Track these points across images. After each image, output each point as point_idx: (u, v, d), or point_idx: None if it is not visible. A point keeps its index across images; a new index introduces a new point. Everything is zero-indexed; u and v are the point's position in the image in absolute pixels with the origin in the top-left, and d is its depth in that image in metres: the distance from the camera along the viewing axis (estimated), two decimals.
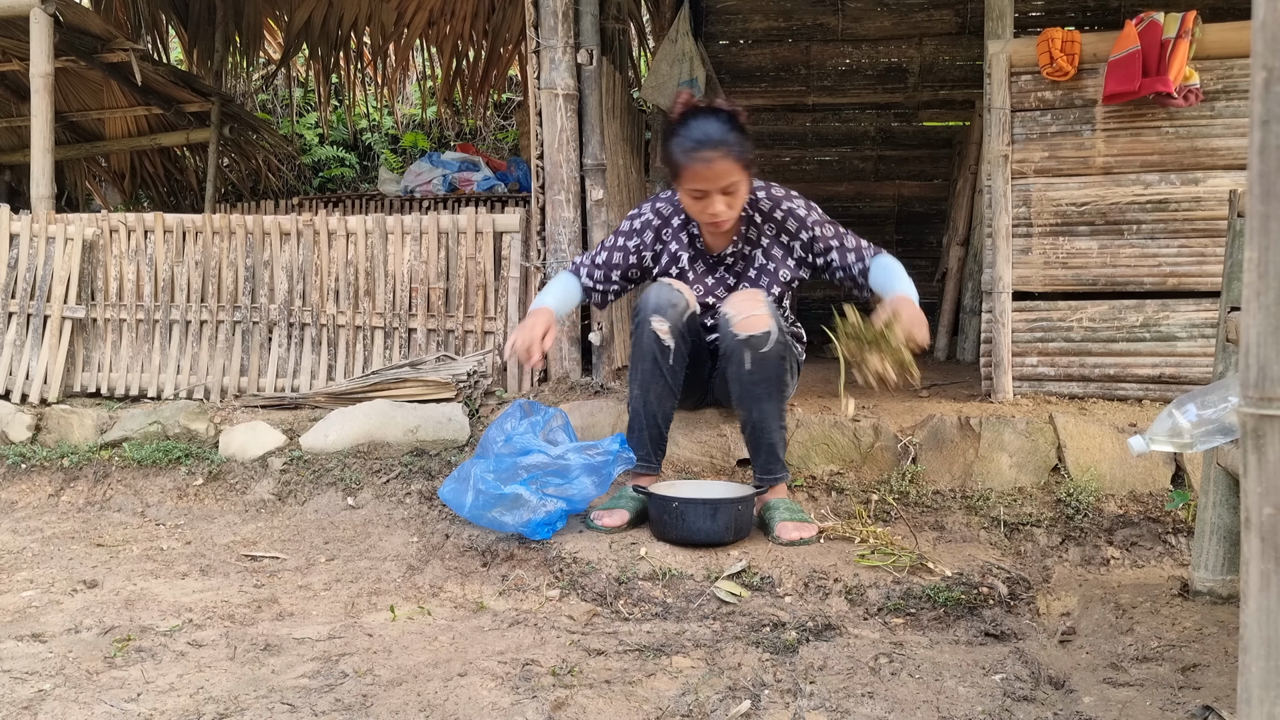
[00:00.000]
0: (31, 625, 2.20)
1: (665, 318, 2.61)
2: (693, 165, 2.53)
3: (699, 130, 2.55)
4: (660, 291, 2.65)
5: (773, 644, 2.08)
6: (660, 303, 2.62)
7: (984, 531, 2.68)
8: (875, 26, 5.63)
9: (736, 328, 2.56)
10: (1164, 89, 2.95)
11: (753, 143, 2.63)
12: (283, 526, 2.95)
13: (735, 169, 2.55)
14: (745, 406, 2.63)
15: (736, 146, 2.54)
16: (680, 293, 2.66)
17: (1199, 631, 2.06)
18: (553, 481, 2.56)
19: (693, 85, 5.21)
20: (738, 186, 2.58)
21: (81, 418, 3.56)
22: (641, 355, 2.65)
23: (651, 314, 2.62)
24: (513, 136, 8.46)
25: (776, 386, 2.61)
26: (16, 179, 6.44)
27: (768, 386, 2.59)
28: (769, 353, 2.56)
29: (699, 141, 2.53)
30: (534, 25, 3.41)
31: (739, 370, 2.58)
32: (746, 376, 2.57)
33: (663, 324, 2.61)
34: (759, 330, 2.55)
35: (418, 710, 1.77)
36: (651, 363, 2.64)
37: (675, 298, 2.64)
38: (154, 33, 6.82)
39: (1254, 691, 1.02)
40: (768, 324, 2.56)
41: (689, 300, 2.67)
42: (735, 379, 2.60)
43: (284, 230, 3.72)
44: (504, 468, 2.57)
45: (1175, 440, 1.78)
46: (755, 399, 2.60)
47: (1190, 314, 3.10)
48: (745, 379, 2.58)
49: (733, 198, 2.59)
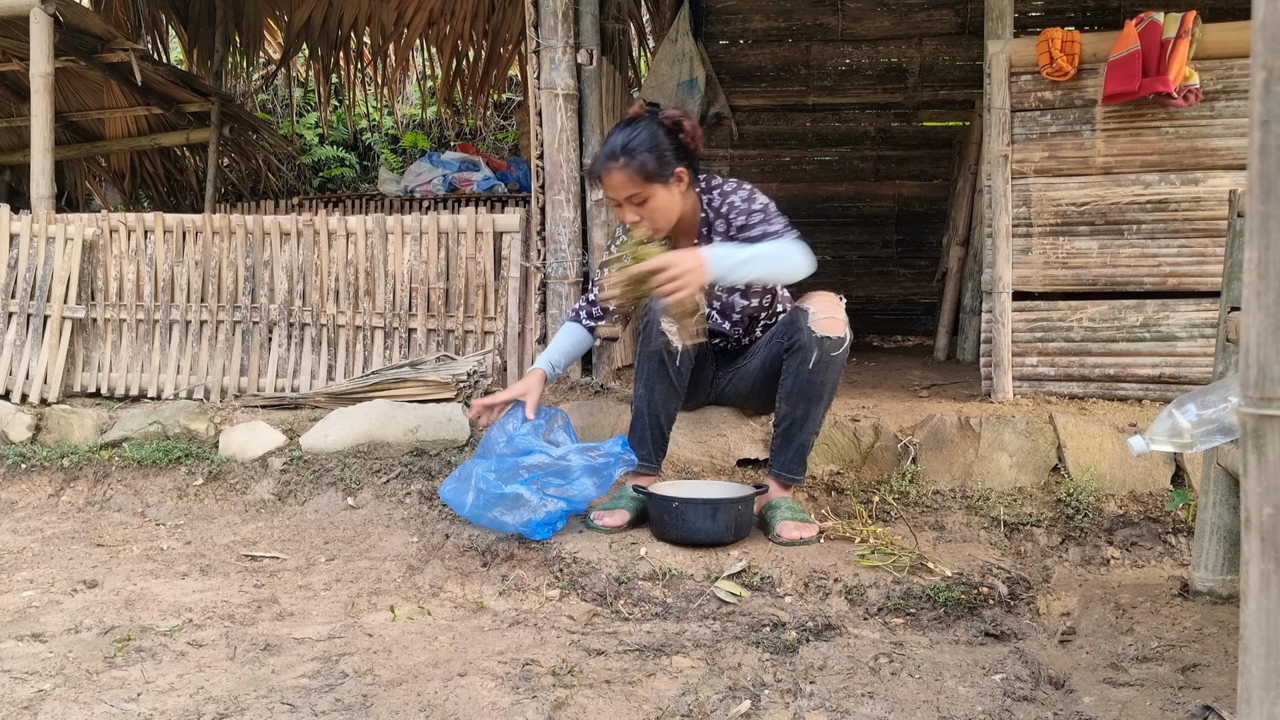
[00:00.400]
0: (31, 625, 2.20)
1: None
2: (602, 173, 2.61)
3: (609, 141, 2.62)
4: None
5: (773, 644, 2.08)
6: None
7: (984, 531, 2.68)
8: (875, 26, 5.63)
9: (815, 325, 2.58)
10: (1164, 89, 2.95)
11: (687, 151, 2.63)
12: (283, 526, 2.95)
13: (633, 182, 2.57)
14: (793, 403, 2.64)
15: (641, 159, 2.55)
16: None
17: (1199, 631, 2.06)
18: (554, 482, 2.56)
19: (692, 85, 5.21)
20: (645, 198, 2.59)
21: (81, 418, 3.56)
22: (649, 355, 2.67)
23: (661, 316, 2.62)
24: (513, 136, 8.46)
25: (830, 392, 2.64)
26: (16, 179, 6.44)
27: (822, 390, 2.62)
28: (837, 357, 2.60)
29: (602, 152, 2.62)
30: (534, 25, 3.41)
31: (801, 366, 2.59)
32: (807, 374, 2.59)
33: (672, 325, 2.62)
34: (836, 333, 2.59)
35: (418, 710, 1.77)
36: (658, 363, 2.66)
37: None
38: (154, 33, 6.82)
39: (1254, 691, 1.02)
40: (844, 330, 2.61)
41: (699, 302, 2.67)
42: (794, 373, 2.61)
43: (284, 230, 3.72)
44: (505, 468, 2.57)
45: (1175, 440, 1.78)
46: (806, 398, 2.62)
47: (1190, 314, 3.10)
48: (805, 377, 2.60)
49: (644, 208, 2.61)
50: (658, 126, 2.61)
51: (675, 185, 2.62)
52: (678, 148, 2.62)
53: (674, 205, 2.64)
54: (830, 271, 5.86)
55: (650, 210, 2.60)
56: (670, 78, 5.23)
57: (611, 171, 2.58)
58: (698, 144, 2.67)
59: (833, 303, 2.66)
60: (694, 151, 2.66)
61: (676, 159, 2.61)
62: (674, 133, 2.62)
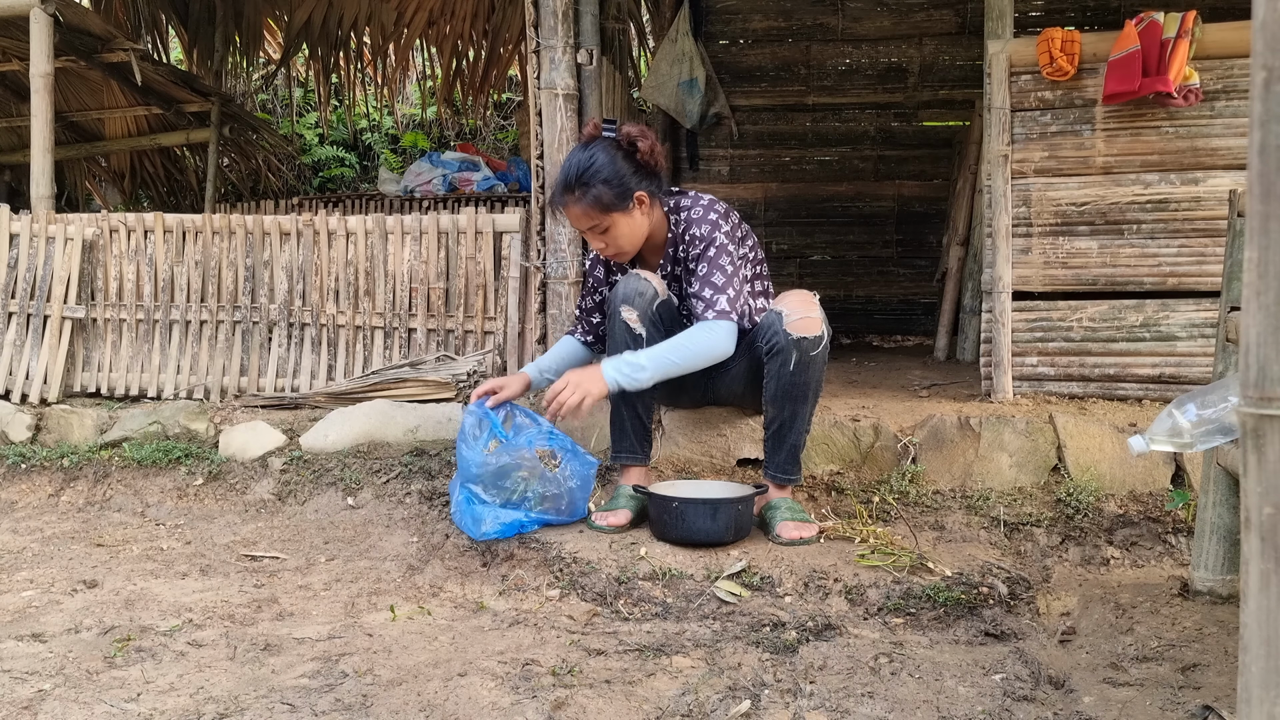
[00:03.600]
0: (31, 625, 2.20)
1: (633, 306, 2.64)
2: (554, 207, 2.66)
3: (565, 168, 2.62)
4: (628, 282, 2.68)
5: (773, 644, 2.08)
6: (628, 292, 2.65)
7: (984, 531, 2.68)
8: (875, 26, 5.63)
9: (790, 327, 2.57)
10: (1164, 89, 2.95)
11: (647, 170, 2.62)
12: (283, 526, 2.95)
13: (590, 214, 2.58)
14: (778, 405, 2.63)
15: (595, 191, 2.55)
16: (648, 281, 2.67)
17: (1199, 631, 2.06)
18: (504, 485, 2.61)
19: (692, 85, 5.21)
20: (606, 227, 2.61)
21: (81, 418, 3.56)
22: (615, 345, 2.67)
23: (620, 304, 2.66)
24: (513, 136, 8.46)
25: (814, 391, 2.63)
26: (16, 179, 6.44)
27: (806, 390, 2.61)
28: (816, 356, 2.59)
29: (559, 182, 2.63)
30: (534, 25, 3.41)
31: (782, 369, 2.59)
32: (788, 377, 2.58)
33: (631, 312, 2.64)
34: (812, 333, 2.57)
35: (418, 710, 1.77)
36: (624, 348, 2.64)
37: (643, 286, 2.66)
38: (154, 33, 6.82)
39: (1254, 691, 1.02)
40: (821, 328, 2.59)
41: (658, 289, 2.69)
42: (775, 376, 2.61)
43: (284, 230, 3.72)
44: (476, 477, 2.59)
45: (1175, 440, 1.78)
46: (791, 399, 2.61)
47: (1190, 314, 3.10)
48: (786, 379, 2.59)
49: (606, 235, 2.62)
50: (615, 150, 2.59)
51: (636, 209, 2.61)
52: (636, 169, 2.60)
53: (638, 229, 2.65)
54: (830, 271, 5.86)
55: (613, 237, 2.63)
56: (670, 78, 5.23)
57: (569, 205, 2.61)
58: (658, 160, 2.64)
59: (806, 302, 2.63)
60: (655, 169, 2.64)
61: (636, 182, 2.60)
62: (631, 154, 2.60)
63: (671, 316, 2.73)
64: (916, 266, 5.80)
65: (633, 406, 2.71)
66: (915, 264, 5.81)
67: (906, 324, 5.87)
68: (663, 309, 2.69)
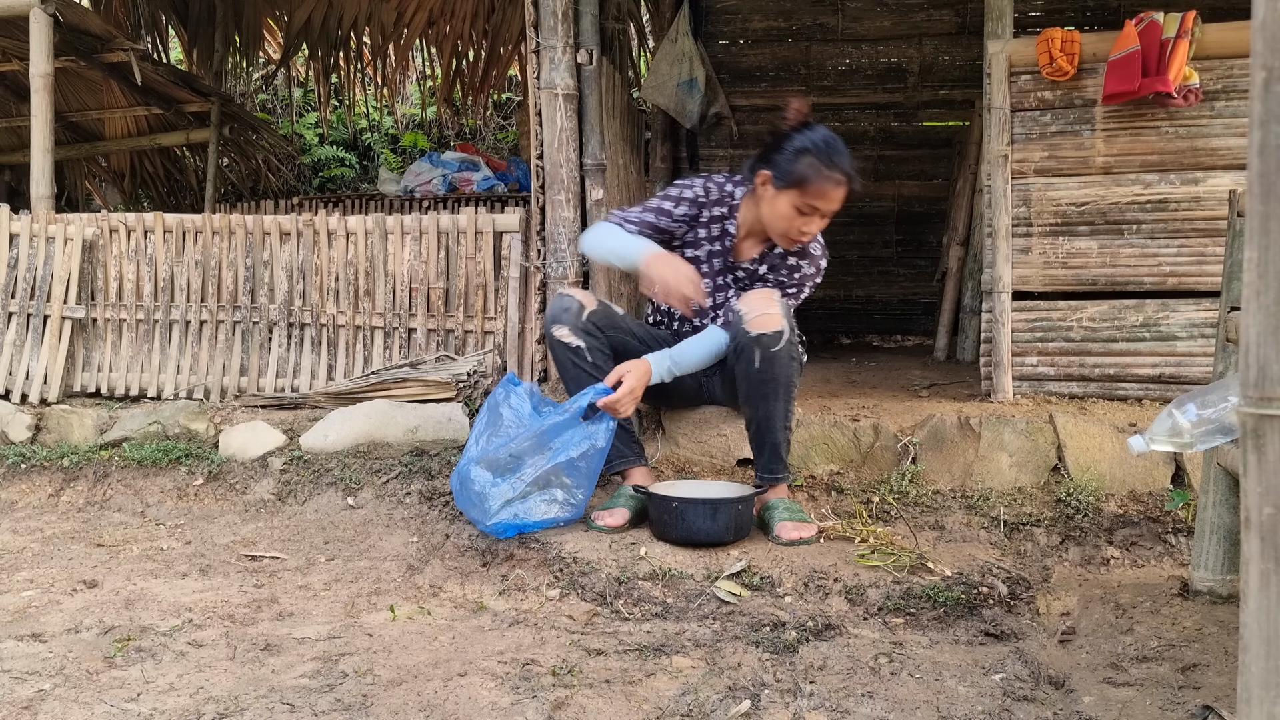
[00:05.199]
0: (31, 625, 2.20)
1: (563, 323, 2.71)
2: (823, 184, 2.57)
3: (839, 152, 2.59)
4: (554, 302, 2.78)
5: (773, 644, 2.08)
6: (556, 311, 2.74)
7: (984, 531, 2.68)
8: (875, 26, 5.63)
9: (749, 325, 2.57)
10: (1164, 89, 2.95)
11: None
12: (283, 526, 2.95)
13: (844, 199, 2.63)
14: (752, 404, 2.63)
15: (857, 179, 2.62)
16: (573, 297, 2.76)
17: (1199, 631, 2.06)
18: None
19: (692, 85, 5.20)
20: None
21: (81, 418, 3.56)
22: (562, 366, 2.75)
23: (551, 325, 2.74)
24: (513, 136, 8.45)
25: (785, 387, 2.62)
26: (16, 179, 6.43)
27: (775, 386, 2.59)
28: (779, 352, 2.57)
29: (839, 164, 2.58)
30: (534, 25, 3.40)
31: (748, 368, 2.58)
32: (755, 375, 2.58)
33: (562, 329, 2.71)
34: (771, 329, 2.56)
35: (418, 710, 1.77)
36: (572, 365, 2.72)
37: (568, 303, 2.74)
38: (154, 33, 6.81)
39: (1254, 691, 1.02)
40: (780, 323, 2.57)
41: (583, 301, 2.76)
42: (744, 376, 2.60)
43: (284, 230, 3.72)
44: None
45: (1175, 440, 1.78)
46: (762, 397, 2.60)
47: (1190, 314, 3.10)
48: (754, 377, 2.58)
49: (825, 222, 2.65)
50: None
51: None
52: None
53: None
54: (830, 271, 5.81)
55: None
56: (670, 77, 5.23)
57: (843, 185, 2.60)
58: None
59: (765, 299, 2.63)
60: None
61: None
62: None
63: (614, 323, 2.79)
64: (916, 266, 5.80)
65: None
66: (915, 264, 5.80)
67: (906, 324, 5.87)
68: (595, 317, 2.74)
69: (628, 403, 2.62)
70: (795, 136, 2.61)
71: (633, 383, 2.61)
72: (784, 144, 2.62)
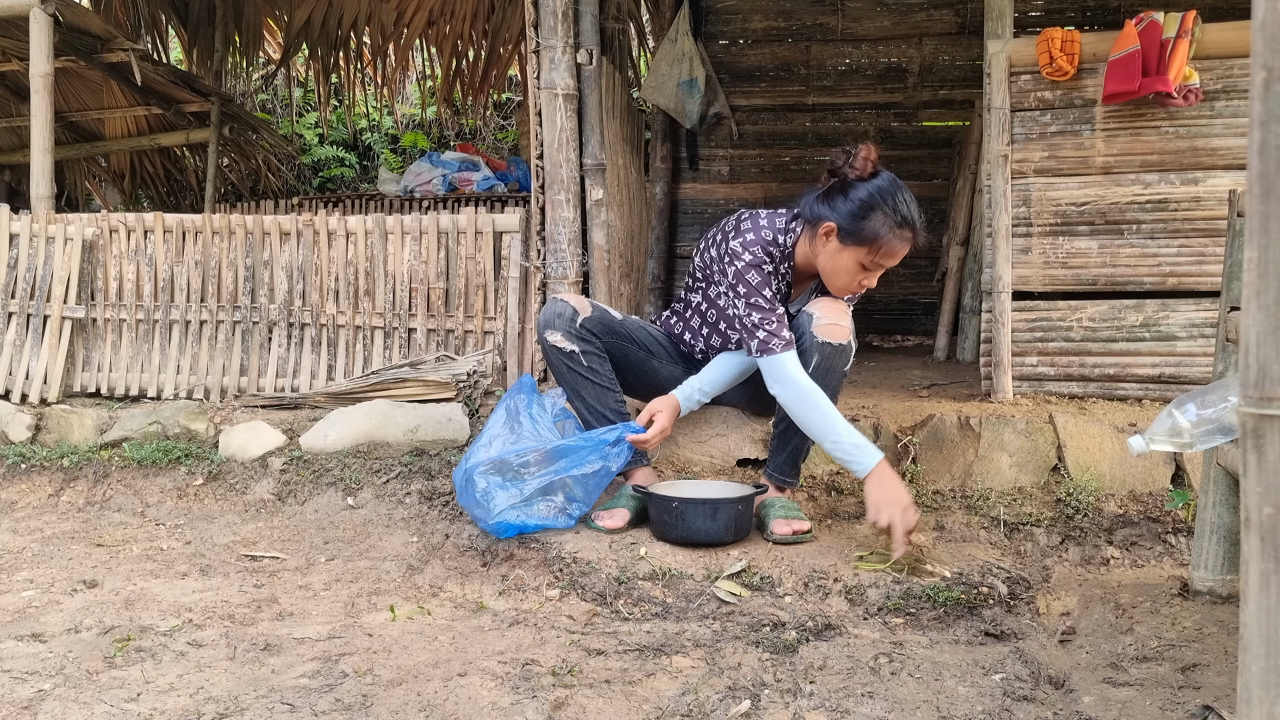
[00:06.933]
0: (31, 625, 2.20)
1: (556, 329, 2.71)
2: (894, 243, 2.49)
3: (908, 205, 2.50)
4: (548, 307, 2.77)
5: (773, 644, 2.08)
6: (549, 316, 2.74)
7: (984, 531, 2.68)
8: (875, 26, 5.63)
9: (818, 330, 2.57)
10: (1164, 89, 2.95)
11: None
12: (283, 526, 2.95)
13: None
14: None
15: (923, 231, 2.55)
16: (565, 301, 2.76)
17: (1199, 631, 2.06)
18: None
19: (692, 85, 5.21)
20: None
21: (81, 418, 3.56)
22: (557, 371, 2.75)
23: (544, 330, 2.74)
24: (513, 136, 8.46)
25: (830, 396, 2.61)
26: (16, 179, 6.43)
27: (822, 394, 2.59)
28: (838, 364, 2.59)
29: (908, 220, 2.49)
30: (534, 25, 3.40)
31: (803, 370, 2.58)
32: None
33: (555, 334, 2.72)
34: (839, 340, 2.57)
35: (418, 710, 1.77)
36: (568, 370, 2.72)
37: (561, 308, 2.74)
38: (154, 33, 6.82)
39: (1254, 691, 1.02)
40: (848, 337, 2.59)
41: (576, 307, 2.75)
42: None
43: (284, 230, 3.72)
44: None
45: (1175, 440, 1.79)
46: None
47: (1190, 314, 3.10)
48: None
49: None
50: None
51: None
52: None
53: None
54: None
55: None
56: (670, 78, 5.23)
57: (910, 242, 2.52)
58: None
59: (838, 309, 2.63)
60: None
61: None
62: None
63: (605, 327, 2.78)
64: (916, 266, 5.79)
65: (604, 417, 2.74)
66: (915, 264, 5.80)
67: (906, 324, 5.87)
68: (589, 323, 2.74)
69: (658, 442, 2.68)
70: (861, 186, 2.50)
71: (664, 423, 2.66)
72: (850, 193, 2.50)
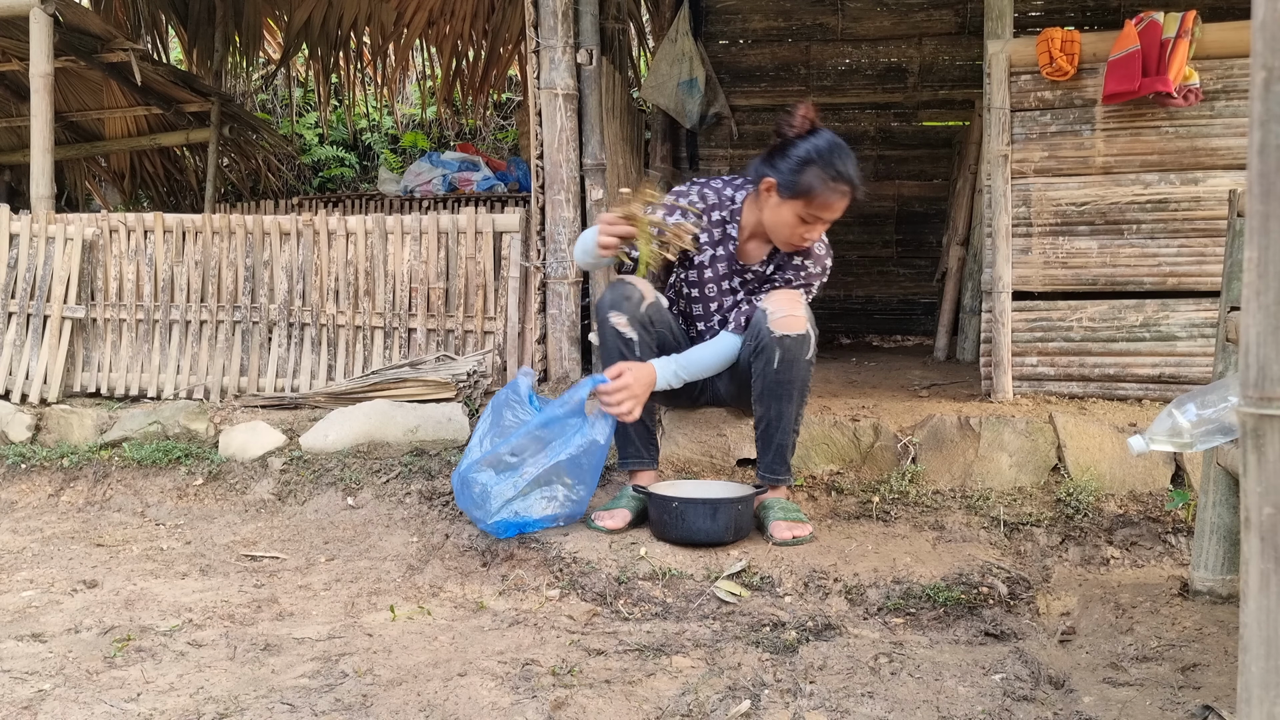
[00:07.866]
0: (31, 625, 2.20)
1: (622, 311, 2.64)
2: (828, 196, 2.52)
3: (844, 161, 2.54)
4: (615, 288, 2.68)
5: (773, 644, 2.08)
6: (616, 298, 2.66)
7: (984, 531, 2.68)
8: (875, 26, 5.63)
9: (774, 325, 2.56)
10: (1164, 89, 2.95)
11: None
12: (283, 526, 2.95)
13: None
14: (764, 404, 2.63)
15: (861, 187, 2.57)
16: (634, 285, 2.68)
17: (1199, 631, 2.06)
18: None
19: (692, 85, 5.21)
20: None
21: (81, 418, 3.56)
22: (608, 352, 2.68)
23: (609, 311, 2.65)
24: (513, 136, 8.45)
25: (799, 389, 2.61)
26: (16, 179, 6.43)
27: (790, 388, 2.59)
28: (800, 355, 2.57)
29: (844, 175, 2.53)
30: (534, 25, 3.41)
31: (766, 367, 2.58)
32: (772, 375, 2.57)
33: (620, 317, 2.64)
34: (795, 331, 2.56)
35: (418, 710, 1.77)
36: (618, 356, 2.65)
37: (629, 291, 2.66)
38: (154, 33, 6.81)
39: (1254, 691, 1.02)
40: (805, 327, 2.57)
41: (643, 292, 2.69)
42: (760, 375, 2.60)
43: (284, 230, 3.72)
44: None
45: (1175, 440, 1.78)
46: (776, 398, 2.60)
47: (1190, 314, 3.10)
48: (771, 377, 2.58)
49: (826, 226, 2.62)
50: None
51: None
52: None
53: None
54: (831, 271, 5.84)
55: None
56: (670, 77, 5.23)
57: (847, 196, 2.55)
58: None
59: (791, 300, 2.61)
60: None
61: None
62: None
63: (665, 320, 2.73)
64: (916, 266, 5.80)
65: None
66: (915, 264, 5.81)
67: (906, 324, 5.87)
68: (652, 311, 2.69)
69: (622, 398, 2.53)
70: (800, 144, 2.57)
71: (629, 380, 2.54)
72: (789, 150, 2.58)
